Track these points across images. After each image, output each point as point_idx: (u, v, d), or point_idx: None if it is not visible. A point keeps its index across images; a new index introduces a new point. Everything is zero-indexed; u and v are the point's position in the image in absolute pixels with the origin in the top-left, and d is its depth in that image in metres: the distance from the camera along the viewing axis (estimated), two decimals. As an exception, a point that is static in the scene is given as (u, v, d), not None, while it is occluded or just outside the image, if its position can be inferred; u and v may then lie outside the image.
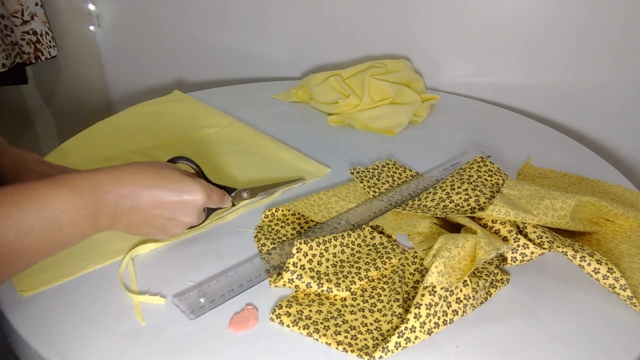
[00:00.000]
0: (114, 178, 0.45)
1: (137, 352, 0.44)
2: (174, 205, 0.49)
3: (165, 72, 1.27)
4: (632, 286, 0.53)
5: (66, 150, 0.75)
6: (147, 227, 0.50)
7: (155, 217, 0.49)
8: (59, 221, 0.41)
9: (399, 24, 1.01)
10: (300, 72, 1.14)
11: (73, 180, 0.43)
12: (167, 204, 0.49)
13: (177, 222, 0.51)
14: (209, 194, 0.52)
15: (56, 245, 0.42)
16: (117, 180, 0.46)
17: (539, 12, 0.92)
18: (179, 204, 0.50)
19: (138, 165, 0.48)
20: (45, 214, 0.40)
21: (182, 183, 0.50)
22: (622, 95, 0.94)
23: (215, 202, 0.55)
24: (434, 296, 0.47)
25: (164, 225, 0.51)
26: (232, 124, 0.84)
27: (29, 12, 1.01)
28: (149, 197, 0.47)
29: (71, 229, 0.42)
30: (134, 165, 0.48)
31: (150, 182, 0.48)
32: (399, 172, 0.72)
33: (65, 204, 0.41)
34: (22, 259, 0.40)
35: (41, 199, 0.40)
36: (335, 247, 0.54)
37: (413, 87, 0.92)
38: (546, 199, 0.59)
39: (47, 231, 0.40)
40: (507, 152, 0.79)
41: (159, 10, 1.18)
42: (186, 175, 0.51)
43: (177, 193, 0.49)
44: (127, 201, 0.46)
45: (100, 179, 0.45)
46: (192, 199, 0.50)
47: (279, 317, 0.48)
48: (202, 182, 0.52)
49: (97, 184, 0.44)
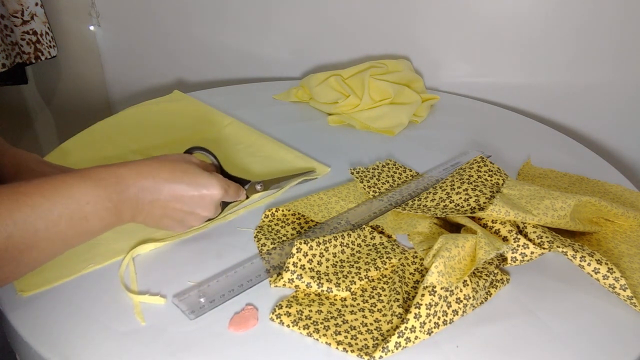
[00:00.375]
0: (136, 172, 0.47)
1: (137, 352, 0.44)
2: (192, 199, 0.51)
3: (165, 72, 1.27)
4: (632, 286, 0.53)
5: (66, 150, 0.75)
6: (166, 220, 0.52)
7: (174, 210, 0.51)
8: (84, 212, 0.43)
9: (399, 24, 1.01)
10: (300, 72, 1.14)
11: (97, 173, 0.45)
12: (186, 197, 0.51)
13: (195, 215, 0.53)
14: (226, 189, 0.54)
15: (81, 235, 0.44)
16: (138, 174, 0.47)
17: (539, 12, 0.92)
18: (198, 198, 0.51)
19: (157, 159, 0.50)
20: (72, 205, 0.42)
21: (200, 178, 0.51)
22: (622, 95, 0.94)
23: (231, 196, 0.56)
24: (434, 296, 0.47)
25: (182, 218, 0.52)
26: (232, 124, 0.84)
27: (29, 12, 1.01)
28: (169, 190, 0.49)
29: (95, 221, 0.44)
30: (154, 160, 0.50)
31: (170, 177, 0.49)
32: (399, 172, 0.72)
33: (90, 196, 0.43)
34: (51, 248, 0.42)
35: (68, 190, 0.42)
36: (335, 247, 0.54)
37: (413, 87, 0.92)
38: (546, 199, 0.59)
39: (73, 221, 0.42)
40: (507, 152, 0.79)
41: (159, 10, 1.18)
42: (203, 170, 0.53)
43: (195, 188, 0.51)
44: (148, 194, 0.48)
45: (123, 172, 0.46)
46: (210, 193, 0.52)
47: (279, 317, 0.48)
48: (219, 176, 0.54)
49: (120, 177, 0.46)
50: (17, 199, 0.39)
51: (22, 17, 1.00)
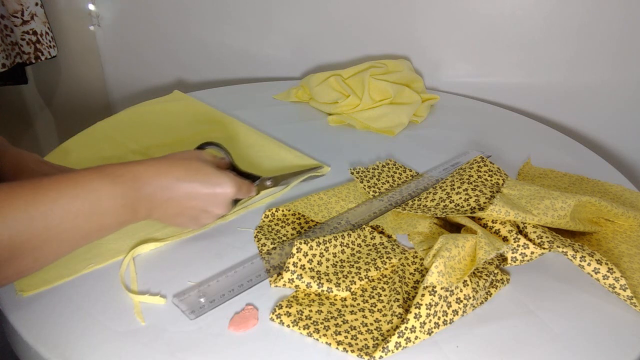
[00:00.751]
0: (152, 170, 0.48)
1: (137, 352, 0.44)
2: (206, 197, 0.52)
3: (165, 72, 1.27)
4: (632, 286, 0.53)
5: (66, 150, 0.75)
6: (181, 218, 0.53)
7: (189, 208, 0.52)
8: (102, 208, 0.44)
9: (399, 24, 1.01)
10: (300, 72, 1.14)
11: (114, 170, 0.46)
12: (201, 195, 0.52)
13: (208, 213, 0.54)
14: (239, 187, 0.55)
15: (98, 231, 0.45)
16: (155, 173, 0.48)
17: (539, 12, 0.92)
18: (212, 196, 0.52)
19: (172, 158, 0.51)
20: (89, 200, 0.43)
21: (213, 176, 0.52)
22: (622, 95, 0.94)
23: (243, 194, 0.57)
24: (434, 296, 0.47)
25: (196, 215, 0.53)
26: (232, 124, 0.84)
27: (29, 12, 1.01)
28: (184, 189, 0.50)
29: (112, 217, 0.45)
30: (169, 158, 0.51)
31: (184, 175, 0.50)
32: (399, 172, 0.72)
33: (108, 193, 0.44)
34: (69, 242, 0.43)
35: (86, 186, 0.43)
36: (336, 247, 0.54)
37: (413, 87, 0.92)
38: (546, 199, 0.59)
39: (90, 217, 0.43)
40: (507, 152, 0.79)
41: (159, 10, 1.18)
42: (216, 168, 0.54)
43: (209, 186, 0.52)
44: (164, 192, 0.49)
45: (139, 170, 0.47)
46: (224, 191, 0.53)
47: (279, 317, 0.48)
48: (232, 175, 0.55)
49: (137, 175, 0.47)
50: (36, 193, 0.40)
51: (22, 17, 1.00)
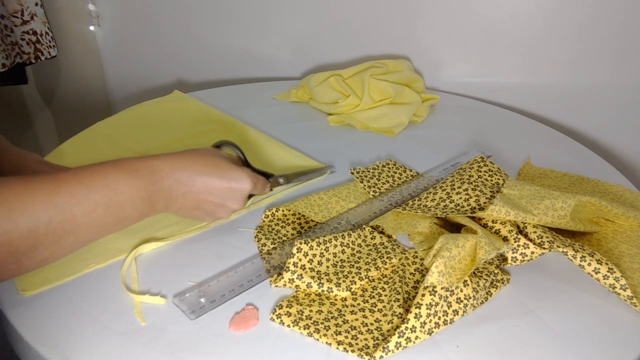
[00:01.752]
0: (169, 164, 0.49)
1: (137, 352, 0.44)
2: (223, 192, 0.53)
3: (165, 72, 1.27)
4: (633, 286, 0.53)
5: (66, 150, 0.75)
6: (197, 211, 0.53)
7: (206, 202, 0.52)
8: (120, 201, 0.44)
9: (399, 24, 1.01)
10: (300, 72, 1.14)
11: (132, 164, 0.46)
12: (218, 190, 0.52)
13: (225, 207, 0.54)
14: (255, 182, 0.56)
15: (117, 223, 0.45)
16: (172, 167, 0.49)
17: (539, 12, 0.92)
18: (229, 191, 0.53)
19: (190, 153, 0.52)
20: (108, 193, 0.43)
21: (230, 171, 0.53)
22: (622, 95, 0.94)
23: (259, 189, 0.58)
24: (434, 296, 0.47)
25: (213, 210, 0.54)
26: (232, 124, 0.84)
27: (28, 12, 1.01)
28: (201, 183, 0.51)
29: (130, 209, 0.45)
30: (186, 153, 0.51)
31: (202, 170, 0.51)
32: (399, 172, 0.72)
33: (126, 186, 0.44)
34: (88, 234, 0.43)
35: (105, 179, 0.43)
36: (336, 247, 0.54)
37: (413, 87, 0.92)
38: (546, 199, 0.59)
39: (109, 209, 0.43)
40: (507, 152, 0.79)
41: (159, 10, 1.18)
42: (232, 164, 0.54)
43: (226, 181, 0.52)
44: (181, 186, 0.49)
45: (157, 164, 0.48)
46: (240, 186, 0.53)
47: (280, 317, 0.48)
48: (248, 170, 0.55)
49: (155, 168, 0.47)
50: (57, 185, 0.40)
51: (22, 17, 1.00)
